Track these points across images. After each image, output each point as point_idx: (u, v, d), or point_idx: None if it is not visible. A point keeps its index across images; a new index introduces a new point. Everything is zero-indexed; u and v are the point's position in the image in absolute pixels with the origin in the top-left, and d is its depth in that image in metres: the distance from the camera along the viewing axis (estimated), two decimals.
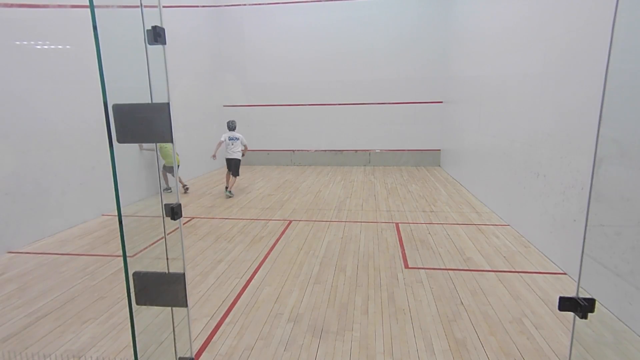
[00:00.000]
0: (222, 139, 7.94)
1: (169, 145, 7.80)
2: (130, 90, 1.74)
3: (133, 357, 1.85)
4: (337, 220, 6.24)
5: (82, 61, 5.83)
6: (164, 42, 1.62)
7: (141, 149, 7.34)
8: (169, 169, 7.87)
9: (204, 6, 11.05)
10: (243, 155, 8.09)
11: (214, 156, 8.02)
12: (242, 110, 12.13)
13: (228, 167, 8.06)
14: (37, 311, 3.49)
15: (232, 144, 7.94)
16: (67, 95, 5.88)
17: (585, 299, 1.38)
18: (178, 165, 8.23)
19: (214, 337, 3.06)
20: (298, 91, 11.81)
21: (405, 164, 11.73)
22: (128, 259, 1.80)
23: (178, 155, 8.36)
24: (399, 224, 5.96)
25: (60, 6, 5.80)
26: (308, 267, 4.38)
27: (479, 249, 4.83)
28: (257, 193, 8.28)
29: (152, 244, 2.21)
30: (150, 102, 1.67)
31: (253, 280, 4.07)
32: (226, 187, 8.01)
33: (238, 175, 8.10)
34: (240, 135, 8.01)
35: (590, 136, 3.73)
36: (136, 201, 2.41)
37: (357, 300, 3.61)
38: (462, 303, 3.53)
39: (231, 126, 7.99)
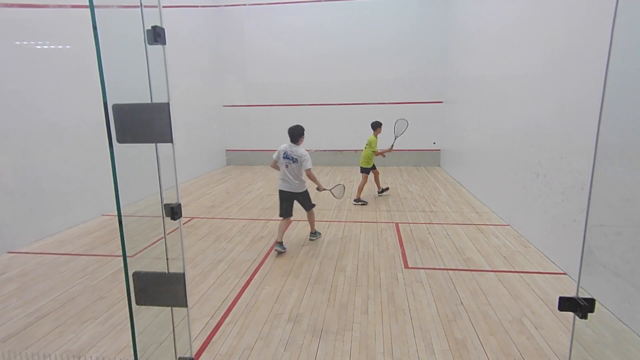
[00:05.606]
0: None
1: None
2: (130, 90, 1.74)
3: (133, 357, 1.85)
4: (337, 220, 6.24)
5: (82, 61, 5.82)
6: (164, 42, 1.62)
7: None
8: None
9: (204, 6, 11.05)
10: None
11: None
12: (242, 110, 12.13)
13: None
14: (37, 311, 3.48)
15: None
16: (67, 95, 5.88)
17: (585, 299, 1.38)
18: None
19: (214, 337, 3.06)
20: (298, 91, 11.80)
21: (405, 164, 11.72)
22: (128, 259, 1.80)
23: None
24: (399, 224, 5.96)
25: (60, 6, 5.79)
26: (308, 267, 4.38)
27: (479, 249, 4.83)
28: (257, 193, 8.28)
29: (152, 244, 2.21)
30: (150, 102, 1.66)
31: (253, 280, 4.07)
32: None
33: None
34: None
35: (590, 136, 3.73)
36: (136, 201, 2.40)
37: (357, 300, 3.60)
38: (462, 303, 3.53)
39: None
